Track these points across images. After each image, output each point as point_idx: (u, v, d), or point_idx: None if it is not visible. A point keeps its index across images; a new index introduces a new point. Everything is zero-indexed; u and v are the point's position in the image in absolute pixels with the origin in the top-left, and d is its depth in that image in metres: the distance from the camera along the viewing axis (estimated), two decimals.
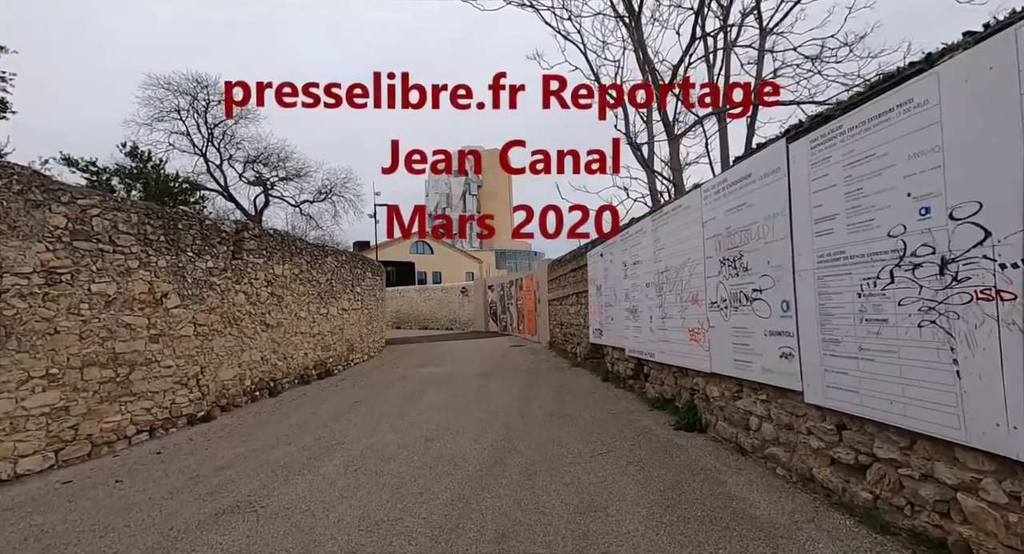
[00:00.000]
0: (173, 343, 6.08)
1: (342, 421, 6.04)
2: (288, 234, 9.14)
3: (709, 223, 4.23)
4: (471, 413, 6.07)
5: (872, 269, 2.46)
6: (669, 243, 5.14)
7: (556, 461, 4.06)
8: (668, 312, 5.19)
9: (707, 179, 4.53)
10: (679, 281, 4.89)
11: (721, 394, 4.18)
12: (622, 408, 5.90)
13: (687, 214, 4.68)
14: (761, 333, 3.46)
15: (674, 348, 5.07)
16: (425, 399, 7.18)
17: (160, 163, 14.01)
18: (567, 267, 11.18)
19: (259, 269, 7.95)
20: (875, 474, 2.53)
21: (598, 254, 8.23)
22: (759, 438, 3.61)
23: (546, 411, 5.97)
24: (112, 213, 5.39)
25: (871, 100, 2.44)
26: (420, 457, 4.40)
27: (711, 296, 4.23)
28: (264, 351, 8.07)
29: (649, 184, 9.53)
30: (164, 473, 4.35)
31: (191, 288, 6.42)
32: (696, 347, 4.53)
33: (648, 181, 9.51)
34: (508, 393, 7.32)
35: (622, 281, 6.88)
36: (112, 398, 5.23)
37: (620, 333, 7.08)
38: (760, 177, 3.42)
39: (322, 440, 5.17)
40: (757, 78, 7.45)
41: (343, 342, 11.45)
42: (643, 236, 5.95)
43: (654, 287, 5.59)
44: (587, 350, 9.43)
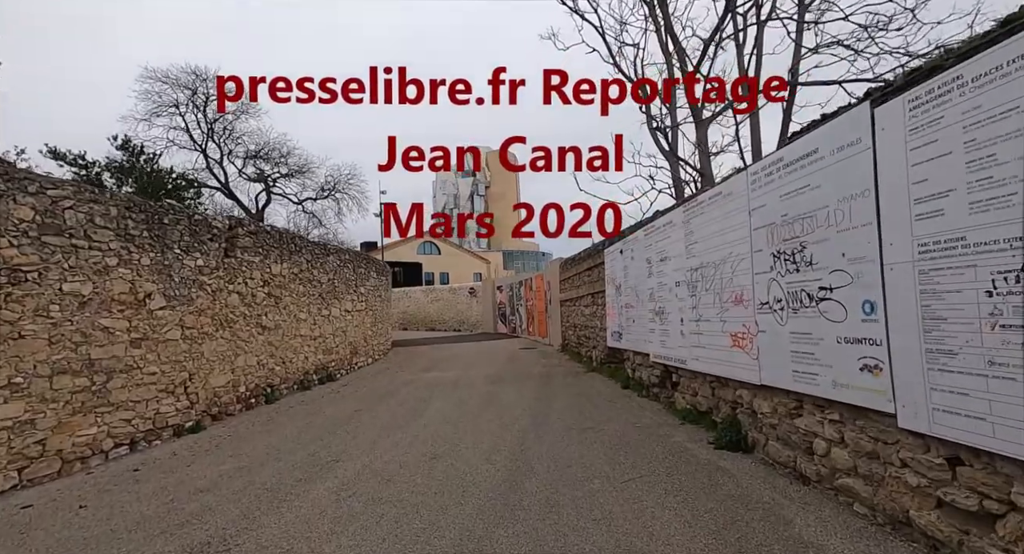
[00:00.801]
0: (157, 347, 5.59)
1: (340, 433, 5.52)
2: (286, 231, 8.66)
3: (758, 211, 3.64)
4: (481, 425, 5.52)
5: (1013, 259, 1.87)
6: (705, 236, 4.56)
7: (581, 488, 3.50)
8: (704, 314, 4.61)
9: (745, 163, 3.93)
10: (718, 279, 4.30)
11: (773, 410, 3.59)
12: (649, 420, 5.32)
13: (729, 202, 4.09)
14: (832, 340, 2.87)
15: (711, 355, 4.48)
16: (431, 408, 6.64)
17: (154, 157, 13.58)
18: (581, 266, 10.60)
19: (255, 268, 7.46)
20: (1012, 528, 1.94)
21: (617, 251, 7.64)
22: (827, 466, 3.02)
23: (564, 423, 5.40)
24: (88, 206, 4.91)
25: (1015, 37, 1.85)
26: (424, 479, 3.86)
27: (760, 296, 3.64)
28: (260, 355, 7.58)
29: (672, 174, 8.90)
30: (136, 496, 3.85)
31: (178, 288, 5.94)
32: (740, 354, 3.94)
33: (671, 171, 8.89)
34: (521, 402, 6.76)
35: (646, 280, 6.30)
36: (86, 409, 4.75)
37: (643, 337, 6.50)
38: (832, 152, 2.84)
39: (316, 456, 4.65)
40: (795, 55, 6.80)
41: (346, 345, 10.95)
42: (672, 229, 5.36)
43: (686, 286, 5.01)
44: (604, 354, 8.84)
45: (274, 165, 17.31)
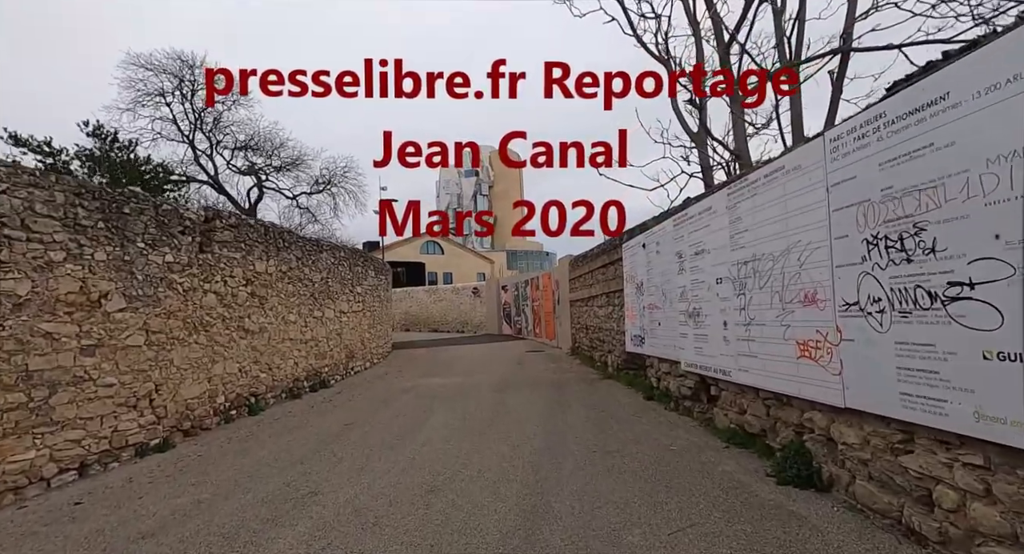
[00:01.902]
0: (115, 355, 4.86)
1: (324, 453, 4.77)
2: (273, 225, 7.93)
3: (842, 186, 2.86)
4: (487, 446, 4.75)
5: None
6: (759, 222, 3.77)
7: (617, 542, 2.72)
8: (756, 316, 3.82)
9: (785, 144, 3.15)
10: (778, 274, 3.52)
11: (864, 441, 2.80)
12: (685, 442, 4.53)
13: (795, 178, 3.31)
14: (973, 355, 2.09)
15: (767, 366, 3.69)
16: (430, 422, 5.88)
17: (131, 145, 12.75)
18: (595, 263, 9.81)
19: (236, 265, 6.73)
20: None
21: (639, 245, 6.86)
22: (960, 525, 2.23)
23: (584, 445, 4.62)
24: (26, 190, 4.18)
25: None
26: (417, 523, 3.10)
27: (845, 294, 2.85)
28: (242, 362, 6.84)
29: (700, 158, 8.10)
30: (63, 543, 3.11)
31: (142, 287, 5.21)
32: (812, 367, 3.16)
33: (699, 154, 8.08)
34: (532, 415, 5.99)
35: (675, 277, 5.51)
36: (22, 430, 4.02)
37: (672, 341, 5.71)
38: (978, 93, 2.05)
39: (291, 487, 3.90)
40: (848, 17, 5.94)
41: (341, 348, 10.22)
42: (711, 217, 4.58)
43: (730, 283, 4.22)
44: (622, 360, 8.06)
45: (267, 157, 16.42)
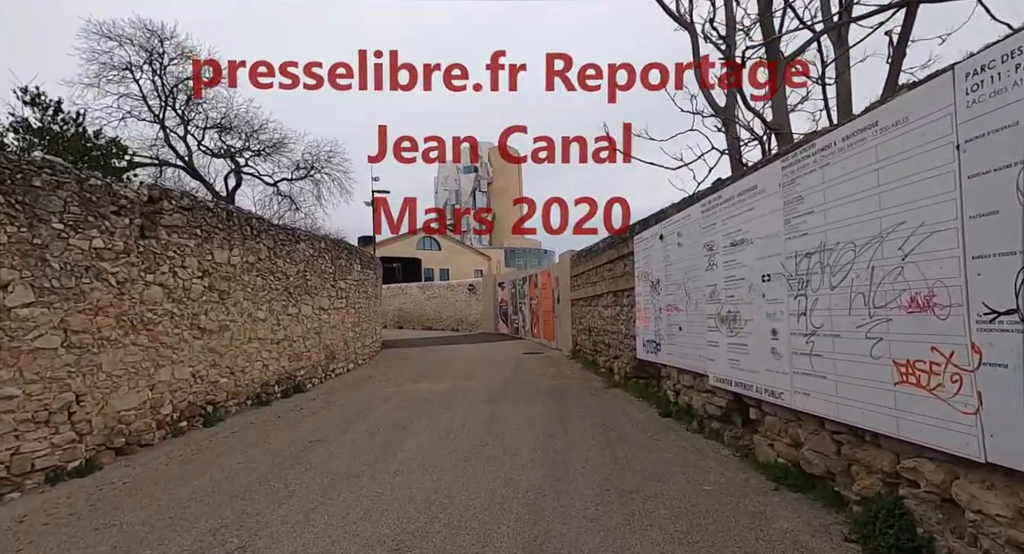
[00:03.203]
0: (19, 360, 3.95)
1: (274, 484, 3.87)
2: (239, 210, 7.00)
3: (989, 139, 1.97)
4: (474, 479, 3.85)
5: None
6: (833, 201, 2.88)
7: None
8: (826, 324, 2.93)
9: (832, 120, 2.26)
10: (863, 268, 2.63)
11: (1019, 514, 1.91)
12: (720, 479, 3.64)
13: (895, 137, 2.41)
14: None
15: (843, 390, 2.80)
16: (409, 442, 4.98)
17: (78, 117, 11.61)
18: (600, 258, 8.92)
19: (188, 253, 5.81)
20: None
21: (654, 237, 5.95)
22: None
23: (594, 480, 3.72)
24: None
25: None
26: None
27: (986, 298, 1.97)
28: (196, 365, 5.93)
29: (728, 138, 7.18)
30: None
31: (59, 277, 4.29)
32: (923, 399, 2.27)
33: (726, 132, 7.16)
34: (530, 436, 5.09)
35: (703, 273, 4.62)
36: None
37: (695, 349, 4.83)
38: None
39: (218, 537, 3.00)
40: None
41: (320, 349, 9.30)
42: (756, 198, 3.68)
43: (784, 280, 3.33)
44: (631, 367, 7.17)
45: (244, 140, 15.26)
